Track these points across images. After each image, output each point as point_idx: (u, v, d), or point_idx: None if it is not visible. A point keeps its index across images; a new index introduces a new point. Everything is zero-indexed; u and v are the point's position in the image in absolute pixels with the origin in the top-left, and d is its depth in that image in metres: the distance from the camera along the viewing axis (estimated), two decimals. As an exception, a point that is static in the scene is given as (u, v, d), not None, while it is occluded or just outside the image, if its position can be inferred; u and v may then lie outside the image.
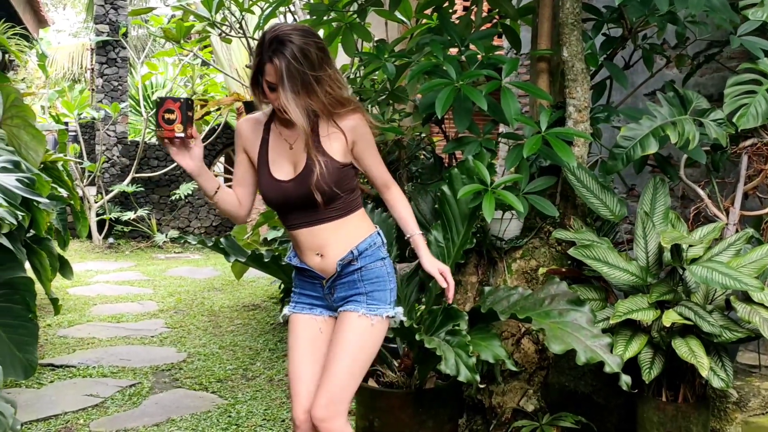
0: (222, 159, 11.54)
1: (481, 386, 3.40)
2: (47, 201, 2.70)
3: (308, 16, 6.00)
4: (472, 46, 3.49)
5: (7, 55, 5.53)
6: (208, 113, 11.20)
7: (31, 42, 7.57)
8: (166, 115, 2.13)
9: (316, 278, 2.34)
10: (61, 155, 4.76)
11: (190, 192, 10.82)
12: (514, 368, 2.58)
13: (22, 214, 2.41)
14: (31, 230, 3.45)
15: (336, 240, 2.27)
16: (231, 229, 11.15)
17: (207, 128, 10.90)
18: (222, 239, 2.95)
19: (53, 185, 4.30)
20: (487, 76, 3.17)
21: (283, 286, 6.07)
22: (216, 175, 11.68)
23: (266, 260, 2.85)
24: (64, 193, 5.09)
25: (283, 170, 2.27)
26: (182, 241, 11.38)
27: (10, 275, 2.84)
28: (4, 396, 1.96)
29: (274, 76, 2.14)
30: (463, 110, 3.06)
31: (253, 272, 7.71)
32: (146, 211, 10.61)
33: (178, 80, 11.53)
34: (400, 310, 2.37)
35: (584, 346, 2.54)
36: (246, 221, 2.39)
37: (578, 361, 2.51)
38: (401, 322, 2.55)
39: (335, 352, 2.25)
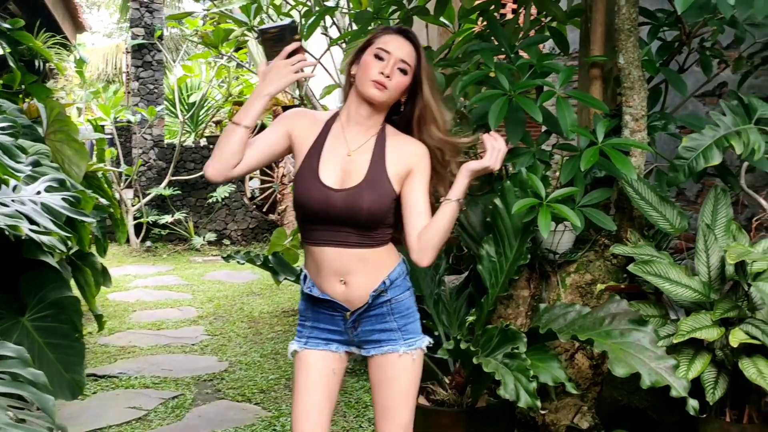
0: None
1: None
2: (92, 219, 2.66)
3: (350, 26, 5.96)
4: (520, 52, 3.39)
5: (47, 65, 5.57)
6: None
7: (69, 48, 7.61)
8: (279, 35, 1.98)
9: (337, 310, 2.13)
10: (102, 165, 4.74)
11: (227, 195, 10.83)
12: (574, 391, 2.49)
13: (69, 235, 2.37)
14: (75, 245, 3.43)
15: (363, 268, 2.07)
16: (268, 231, 11.14)
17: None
18: (270, 257, 2.88)
19: (93, 194, 4.28)
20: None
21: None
22: (251, 178, 11.67)
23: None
24: (104, 201, 5.09)
25: (331, 176, 2.05)
26: (220, 244, 11.15)
27: (57, 295, 2.81)
28: (61, 426, 1.91)
29: (412, 56, 2.05)
30: (516, 121, 2.96)
31: (291, 276, 7.68)
32: (183, 214, 10.64)
33: (213, 82, 11.52)
34: (428, 339, 2.20)
35: (648, 368, 2.44)
36: (218, 178, 2.04)
37: (643, 384, 2.41)
38: (458, 343, 2.47)
39: (392, 399, 2.13)
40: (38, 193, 2.55)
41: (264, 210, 11.49)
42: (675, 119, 3.31)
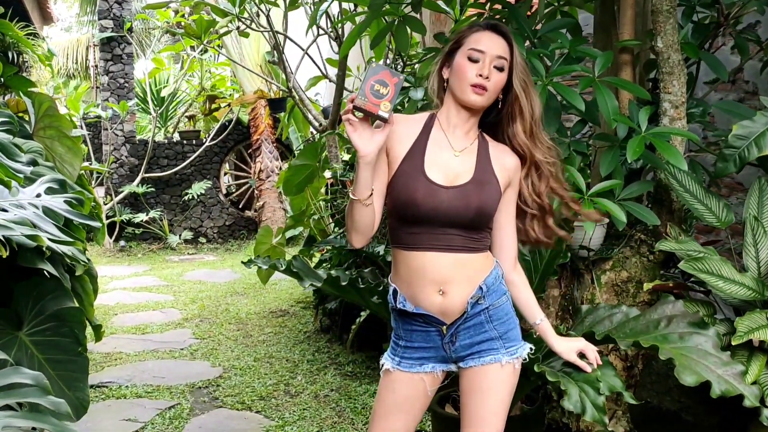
0: (232, 156, 11.18)
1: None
2: (99, 224, 2.40)
3: (339, 15, 5.71)
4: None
5: (21, 57, 5.23)
6: (217, 108, 10.87)
7: (39, 40, 7.24)
8: (377, 87, 1.75)
9: (433, 324, 1.99)
10: (86, 164, 4.44)
11: (203, 191, 10.47)
12: (633, 401, 2.29)
13: (83, 242, 2.11)
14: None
15: (463, 275, 1.95)
16: (245, 228, 10.83)
17: (217, 125, 10.56)
18: (293, 260, 2.65)
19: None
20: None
21: (316, 292, 5.77)
22: (225, 173, 11.33)
23: (344, 283, 2.55)
24: (87, 201, 4.79)
25: (438, 175, 1.95)
26: (196, 242, 10.75)
27: (57, 306, 2.53)
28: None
29: (506, 51, 1.94)
30: (551, 111, 2.76)
31: (275, 275, 7.41)
32: (158, 212, 10.27)
33: (185, 75, 11.15)
34: (528, 345, 2.10)
35: (717, 376, 2.25)
36: (365, 244, 1.97)
37: (713, 394, 2.22)
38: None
39: (487, 409, 1.98)
40: (38, 195, 2.28)
41: (240, 206, 11.17)
42: (713, 106, 3.14)
